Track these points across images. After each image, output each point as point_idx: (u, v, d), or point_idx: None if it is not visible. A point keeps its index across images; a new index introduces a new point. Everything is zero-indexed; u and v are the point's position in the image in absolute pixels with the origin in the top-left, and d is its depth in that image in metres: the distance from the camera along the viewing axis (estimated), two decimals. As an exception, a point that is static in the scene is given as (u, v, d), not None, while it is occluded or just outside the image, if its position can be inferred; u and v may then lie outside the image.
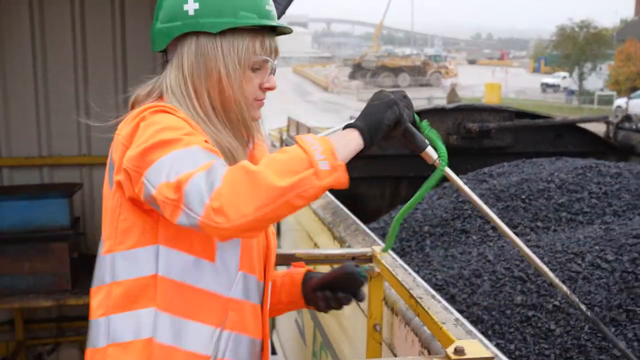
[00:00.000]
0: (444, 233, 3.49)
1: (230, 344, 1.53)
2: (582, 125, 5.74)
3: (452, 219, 3.56)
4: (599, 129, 5.88)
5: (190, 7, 1.49)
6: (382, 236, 3.87)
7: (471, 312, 2.67)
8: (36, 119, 4.28)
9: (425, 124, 1.56)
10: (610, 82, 40.61)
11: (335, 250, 2.34)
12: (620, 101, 35.34)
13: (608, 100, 39.12)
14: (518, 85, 51.12)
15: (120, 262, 1.48)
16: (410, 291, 1.99)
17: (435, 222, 3.61)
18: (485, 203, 3.55)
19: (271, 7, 1.56)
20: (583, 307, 1.84)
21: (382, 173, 5.48)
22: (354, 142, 1.37)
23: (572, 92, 44.20)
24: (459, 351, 1.49)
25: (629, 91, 37.02)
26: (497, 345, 2.49)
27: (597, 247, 2.77)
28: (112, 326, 1.48)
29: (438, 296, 2.33)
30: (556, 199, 3.45)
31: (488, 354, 1.50)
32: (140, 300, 1.47)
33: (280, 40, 1.68)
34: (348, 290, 1.72)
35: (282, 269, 2.00)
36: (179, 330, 1.48)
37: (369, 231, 3.11)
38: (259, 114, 1.60)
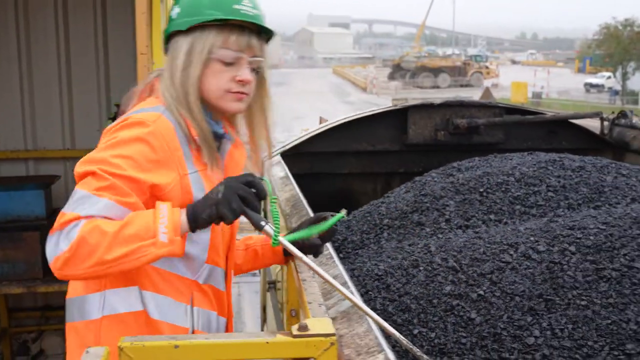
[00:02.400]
0: (401, 226, 3.51)
1: (202, 319, 1.80)
2: (577, 121, 5.65)
3: (411, 212, 3.57)
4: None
5: (174, 12, 1.76)
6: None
7: (402, 301, 2.69)
8: (22, 114, 4.45)
9: (272, 199, 1.76)
10: (655, 82, 39.61)
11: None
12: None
13: (653, 101, 38.19)
14: (562, 86, 50.25)
15: None
16: (299, 274, 2.05)
17: (396, 215, 3.63)
18: (445, 196, 3.58)
19: (242, 7, 1.73)
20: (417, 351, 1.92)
21: (374, 169, 5.50)
22: (184, 225, 1.60)
23: (616, 92, 43.26)
24: (302, 327, 1.55)
25: (674, 91, 36.04)
26: (419, 334, 2.51)
27: (532, 239, 2.76)
28: (107, 300, 1.71)
29: (350, 282, 2.36)
30: (513, 192, 3.43)
31: (332, 331, 1.55)
32: (131, 279, 1.70)
33: (322, 41, 1.89)
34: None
35: (257, 236, 2.19)
36: (161, 306, 1.72)
37: (316, 222, 3.17)
38: (235, 106, 1.80)
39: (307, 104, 38.28)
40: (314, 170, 5.27)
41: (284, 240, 1.72)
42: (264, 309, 5.53)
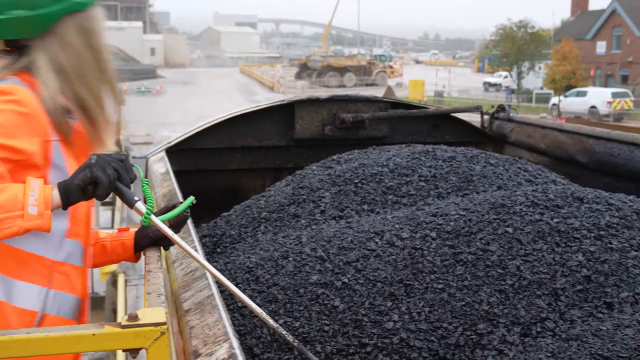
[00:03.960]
0: (278, 218, 3.50)
1: (57, 302, 1.73)
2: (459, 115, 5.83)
3: (288, 205, 3.57)
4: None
5: None
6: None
7: (269, 292, 2.67)
8: None
9: (144, 181, 1.76)
10: (547, 81, 41.58)
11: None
12: (556, 99, 36.29)
13: (546, 99, 40.09)
14: (462, 85, 52.00)
15: None
16: (148, 265, 2.00)
17: (274, 207, 3.62)
18: (322, 188, 3.59)
19: None
20: (290, 337, 1.98)
21: (261, 164, 5.46)
22: (56, 199, 1.56)
23: (512, 91, 45.11)
24: (131, 317, 1.50)
25: (564, 90, 37.99)
26: (285, 323, 2.50)
27: (397, 226, 2.81)
28: None
29: (215, 270, 2.33)
30: (386, 182, 3.48)
31: (162, 320, 1.52)
32: None
33: (229, 40, 1.95)
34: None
35: (107, 232, 2.15)
36: (9, 288, 1.65)
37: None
38: None
39: (213, 103, 37.91)
40: (200, 167, 5.19)
41: (155, 219, 1.70)
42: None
